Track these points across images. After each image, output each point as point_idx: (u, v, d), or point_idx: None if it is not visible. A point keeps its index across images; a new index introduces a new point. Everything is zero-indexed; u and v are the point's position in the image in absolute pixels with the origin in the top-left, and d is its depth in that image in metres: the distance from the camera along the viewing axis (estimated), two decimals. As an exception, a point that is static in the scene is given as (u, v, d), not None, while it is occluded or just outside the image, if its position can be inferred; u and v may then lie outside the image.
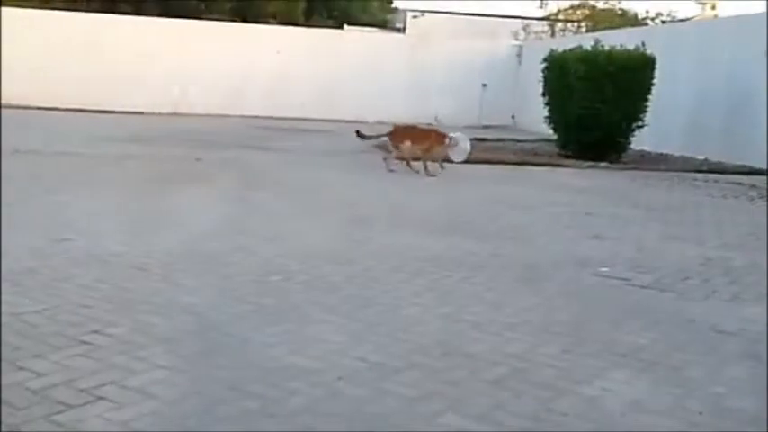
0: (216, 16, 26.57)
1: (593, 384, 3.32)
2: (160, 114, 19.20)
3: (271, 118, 19.55)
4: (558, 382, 3.33)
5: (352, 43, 22.54)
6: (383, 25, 33.89)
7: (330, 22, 32.06)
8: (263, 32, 22.24)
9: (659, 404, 3.15)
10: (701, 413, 3.07)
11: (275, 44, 21.22)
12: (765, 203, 9.16)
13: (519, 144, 15.34)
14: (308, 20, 31.21)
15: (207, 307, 4.11)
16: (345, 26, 29.79)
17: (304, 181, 9.62)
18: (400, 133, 10.38)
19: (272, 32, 22.50)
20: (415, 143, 10.14)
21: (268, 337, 3.70)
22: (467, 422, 2.90)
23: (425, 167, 10.11)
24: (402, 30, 29.27)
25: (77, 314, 3.87)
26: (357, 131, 10.83)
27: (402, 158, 10.29)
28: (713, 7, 45.17)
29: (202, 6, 29.07)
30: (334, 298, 4.41)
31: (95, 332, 3.62)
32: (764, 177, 11.06)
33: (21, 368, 3.14)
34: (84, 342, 3.49)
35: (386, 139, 10.50)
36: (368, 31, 27.52)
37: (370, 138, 10.72)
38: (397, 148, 10.29)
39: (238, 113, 19.89)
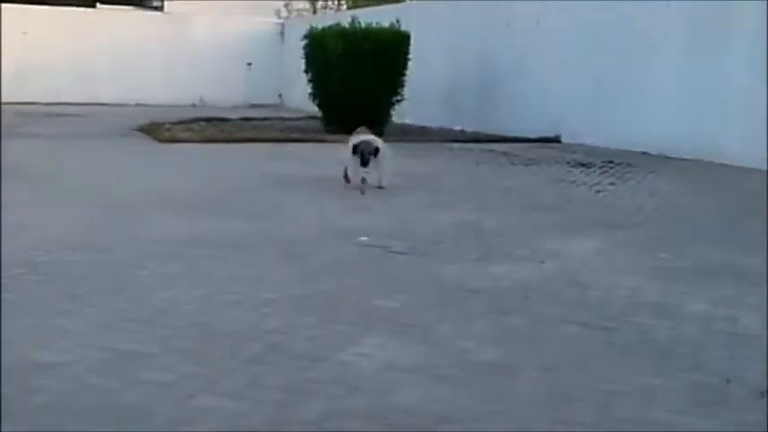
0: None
1: (347, 351, 3.38)
2: None
3: (21, 103, 18.27)
4: (314, 352, 3.36)
5: (106, 23, 21.57)
6: (139, 3, 32.57)
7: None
8: (6, 11, 20.73)
9: (409, 362, 3.27)
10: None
11: (21, 24, 19.85)
12: (513, 168, 9.79)
13: (286, 122, 15.35)
14: (58, -2, 29.41)
15: (-63, 308, 3.76)
16: (98, 4, 28.37)
17: (57, 167, 9.07)
18: None
19: (17, 12, 21.00)
20: None
21: (9, 334, 3.45)
22: (221, 401, 2.86)
23: None
24: (160, 8, 28.35)
25: None
26: None
27: None
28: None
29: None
30: (81, 288, 4.18)
31: None
32: (514, 144, 11.83)
33: None
34: None
35: None
36: (123, 10, 26.39)
37: None
38: None
39: (-17, 99, 18.46)
